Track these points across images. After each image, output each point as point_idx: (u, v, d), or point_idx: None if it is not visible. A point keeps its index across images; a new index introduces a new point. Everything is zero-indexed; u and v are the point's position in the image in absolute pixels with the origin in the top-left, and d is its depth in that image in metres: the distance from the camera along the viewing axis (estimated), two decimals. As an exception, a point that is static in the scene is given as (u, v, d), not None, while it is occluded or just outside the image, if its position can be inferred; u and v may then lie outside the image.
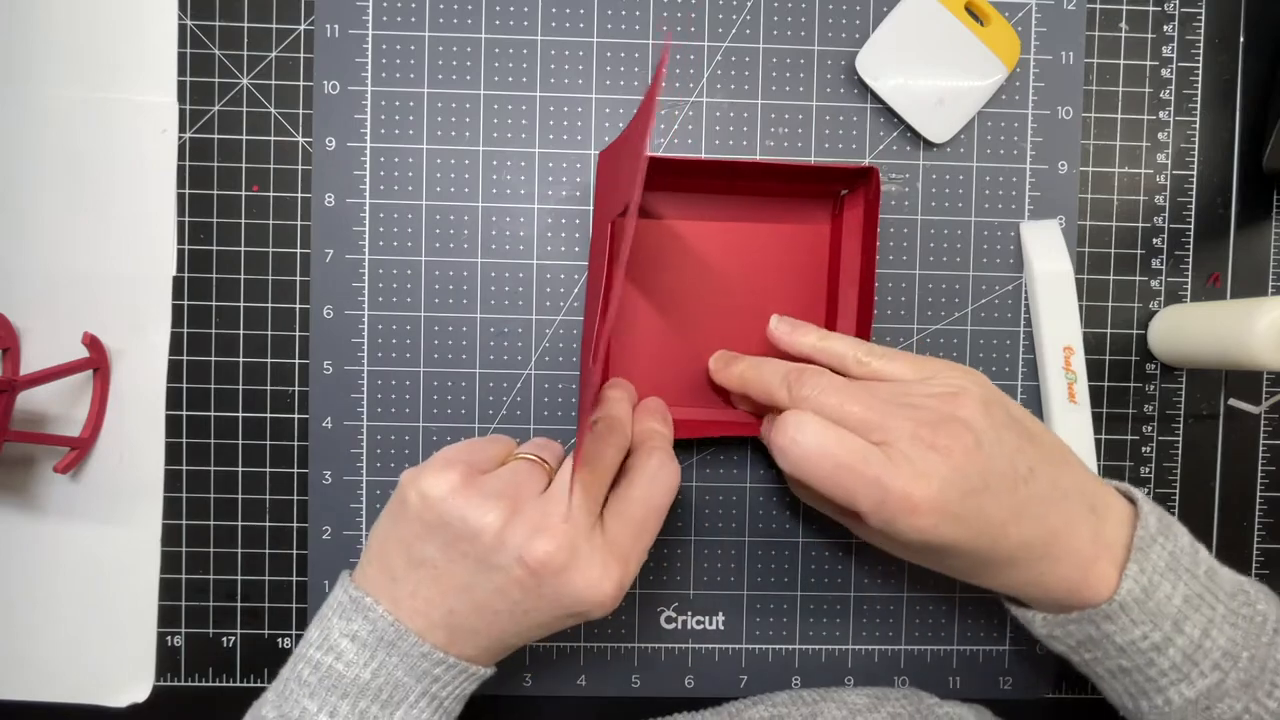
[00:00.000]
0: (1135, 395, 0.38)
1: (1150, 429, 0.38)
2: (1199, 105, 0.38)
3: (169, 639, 0.37)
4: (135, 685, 0.37)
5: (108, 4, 0.36)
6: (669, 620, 0.38)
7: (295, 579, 0.37)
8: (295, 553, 0.37)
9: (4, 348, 0.36)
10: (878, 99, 0.37)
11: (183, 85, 0.36)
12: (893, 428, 0.26)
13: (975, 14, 0.36)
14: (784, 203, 0.36)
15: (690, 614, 0.38)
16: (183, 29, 0.36)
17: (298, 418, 0.37)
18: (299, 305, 0.37)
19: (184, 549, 0.37)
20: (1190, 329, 0.35)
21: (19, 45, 0.36)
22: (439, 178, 0.37)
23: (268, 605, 0.37)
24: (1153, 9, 0.37)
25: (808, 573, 0.38)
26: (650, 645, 0.38)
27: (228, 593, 0.37)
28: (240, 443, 0.37)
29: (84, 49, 0.36)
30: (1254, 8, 0.38)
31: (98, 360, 0.36)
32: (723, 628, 0.38)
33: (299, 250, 0.37)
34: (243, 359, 0.37)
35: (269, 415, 0.37)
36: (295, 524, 0.37)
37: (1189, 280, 0.38)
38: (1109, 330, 0.38)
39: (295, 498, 0.37)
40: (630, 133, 0.31)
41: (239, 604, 0.37)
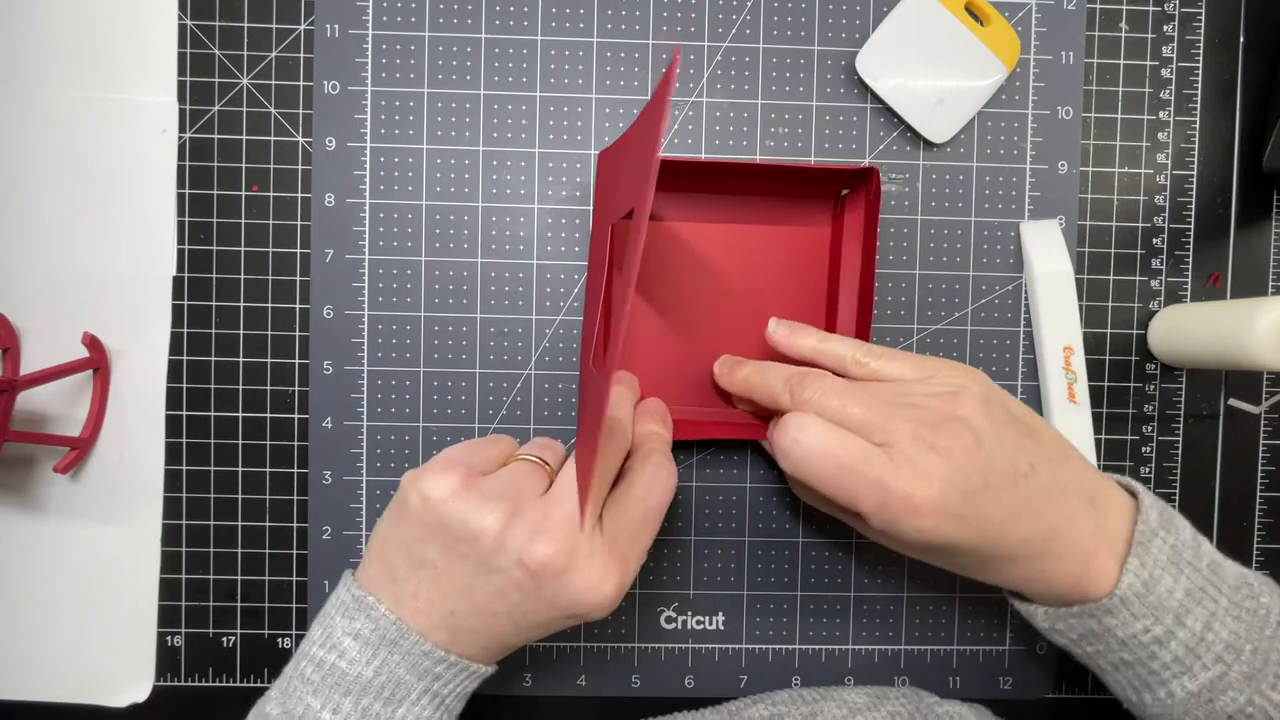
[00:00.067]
0: (1135, 395, 0.38)
1: (1150, 429, 0.38)
2: (1199, 105, 0.38)
3: (169, 639, 0.37)
4: (135, 685, 0.37)
5: (108, 4, 0.36)
6: (669, 620, 0.38)
7: (295, 579, 0.37)
8: (295, 553, 0.37)
9: (4, 348, 0.36)
10: (878, 99, 0.37)
11: (183, 85, 0.36)
12: (894, 429, 0.26)
13: (975, 14, 0.36)
14: (784, 203, 0.36)
15: (690, 614, 0.38)
16: (183, 29, 0.36)
17: (298, 418, 0.37)
18: (299, 305, 0.37)
19: (184, 549, 0.37)
20: (1190, 329, 0.35)
21: (19, 45, 0.36)
22: (439, 178, 0.37)
23: (268, 605, 0.37)
24: (1153, 9, 0.37)
25: (808, 573, 0.38)
26: (650, 645, 0.38)
27: (228, 593, 0.37)
28: (240, 443, 0.37)
29: (84, 49, 0.36)
30: (1254, 8, 0.38)
31: (98, 360, 0.36)
32: (723, 628, 0.38)
33: (299, 250, 0.37)
34: (243, 359, 0.37)
35: (269, 415, 0.37)
36: (295, 524, 0.37)
37: (1189, 280, 0.38)
38: (1109, 330, 0.38)
39: (295, 498, 0.37)
40: (634, 135, 0.31)
41: (239, 604, 0.37)
